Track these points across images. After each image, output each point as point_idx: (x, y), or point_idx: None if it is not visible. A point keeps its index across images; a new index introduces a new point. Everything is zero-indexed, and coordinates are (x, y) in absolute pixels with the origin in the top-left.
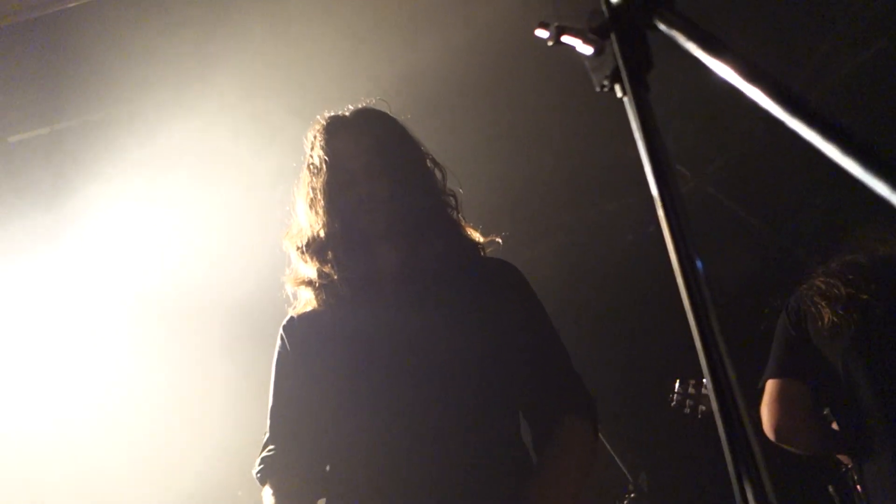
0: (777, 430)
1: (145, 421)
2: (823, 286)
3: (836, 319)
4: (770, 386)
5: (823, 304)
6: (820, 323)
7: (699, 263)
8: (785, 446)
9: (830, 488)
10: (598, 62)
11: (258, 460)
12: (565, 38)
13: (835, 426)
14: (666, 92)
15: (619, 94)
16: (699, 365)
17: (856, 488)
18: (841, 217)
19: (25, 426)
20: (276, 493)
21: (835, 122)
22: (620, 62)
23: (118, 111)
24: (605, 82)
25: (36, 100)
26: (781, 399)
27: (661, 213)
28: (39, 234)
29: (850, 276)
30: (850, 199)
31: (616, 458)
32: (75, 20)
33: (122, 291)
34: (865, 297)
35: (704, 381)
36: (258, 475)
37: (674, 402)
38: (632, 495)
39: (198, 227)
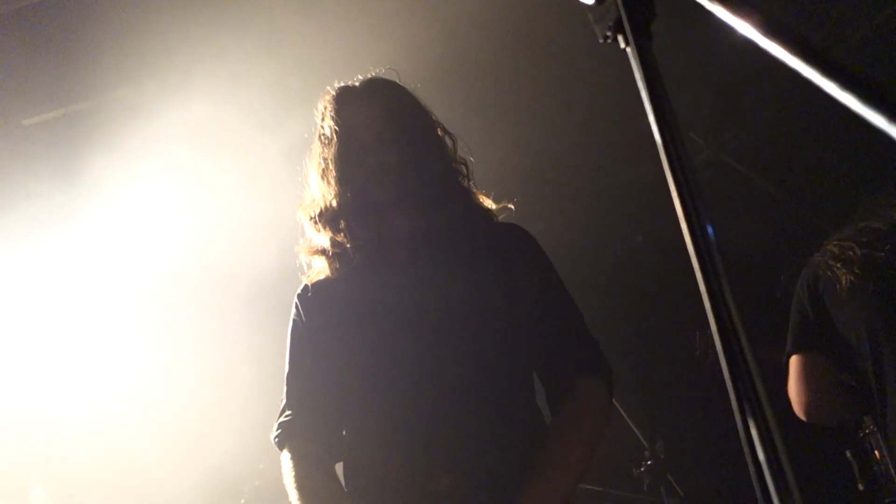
0: (807, 411)
1: (167, 398)
2: (837, 250)
3: (853, 279)
4: (793, 363)
5: (839, 265)
6: (838, 286)
7: (710, 228)
8: (816, 423)
9: (848, 454)
10: (601, 12)
11: (275, 425)
12: None
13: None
14: (678, 59)
15: (622, 44)
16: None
17: (874, 453)
18: (857, 183)
19: (52, 405)
20: (294, 457)
21: (854, 71)
22: (622, 11)
23: (129, 92)
24: (608, 33)
25: (48, 83)
26: (807, 377)
27: (665, 163)
28: (56, 215)
29: (865, 239)
30: (867, 165)
31: (632, 426)
32: (83, 4)
33: (141, 269)
34: (882, 254)
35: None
36: (276, 440)
37: (697, 352)
38: (648, 462)
39: (214, 203)
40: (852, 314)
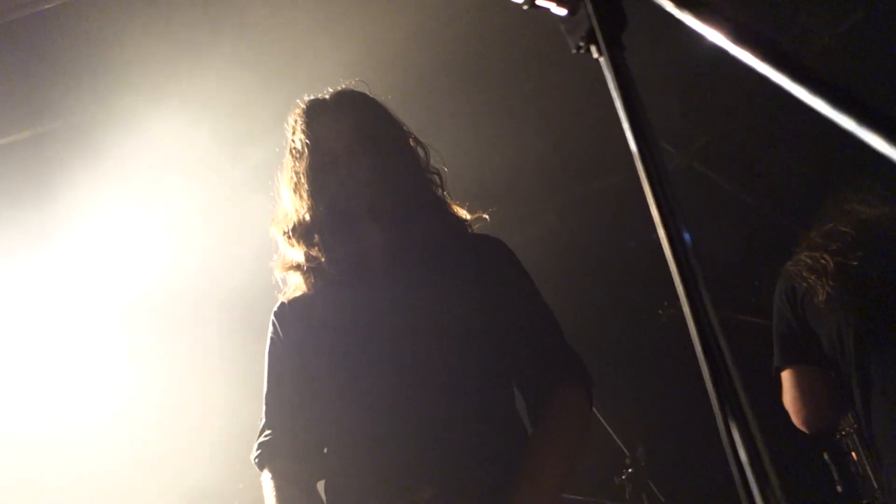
0: (808, 424)
1: (144, 418)
2: (810, 261)
3: (830, 291)
4: (786, 377)
5: (813, 278)
6: (815, 299)
7: (687, 236)
8: (817, 433)
9: (826, 456)
10: (573, 23)
11: (255, 445)
12: (539, 1)
13: None
14: (647, 68)
15: (594, 54)
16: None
17: (850, 455)
18: (827, 186)
19: (24, 427)
20: (275, 477)
21: (825, 76)
22: (595, 22)
23: (100, 111)
24: (581, 43)
25: (16, 104)
26: (802, 391)
27: (640, 168)
28: (29, 236)
29: (835, 247)
30: (835, 167)
31: (612, 433)
32: (52, 23)
33: (114, 290)
34: (855, 263)
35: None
36: (256, 460)
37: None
38: (629, 470)
39: (186, 223)
40: (833, 325)
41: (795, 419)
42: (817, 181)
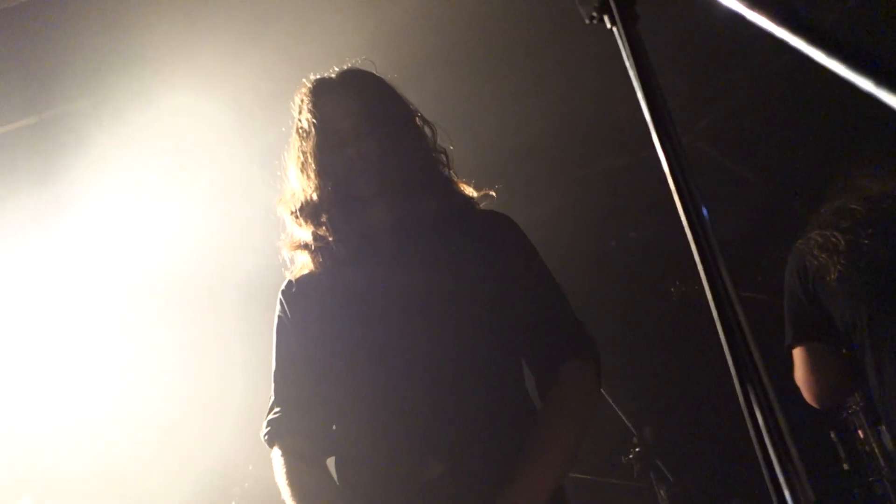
0: (820, 400)
1: (157, 401)
2: (821, 239)
3: (842, 269)
4: (798, 354)
5: (825, 257)
6: (827, 277)
7: (704, 210)
8: (828, 408)
9: (832, 434)
10: None
11: (264, 423)
12: None
13: None
14: (651, 47)
15: (608, 24)
16: (704, 320)
17: (857, 433)
18: (833, 163)
19: (38, 411)
20: (285, 454)
21: (841, 37)
22: None
23: (103, 96)
24: (594, 14)
25: (18, 90)
26: (813, 368)
27: (655, 138)
28: (35, 222)
29: (846, 224)
30: (842, 147)
31: (619, 413)
32: (56, 5)
33: (124, 273)
34: (866, 241)
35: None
36: (265, 437)
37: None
38: (637, 449)
39: (196, 203)
40: (846, 303)
41: (807, 395)
42: (822, 159)
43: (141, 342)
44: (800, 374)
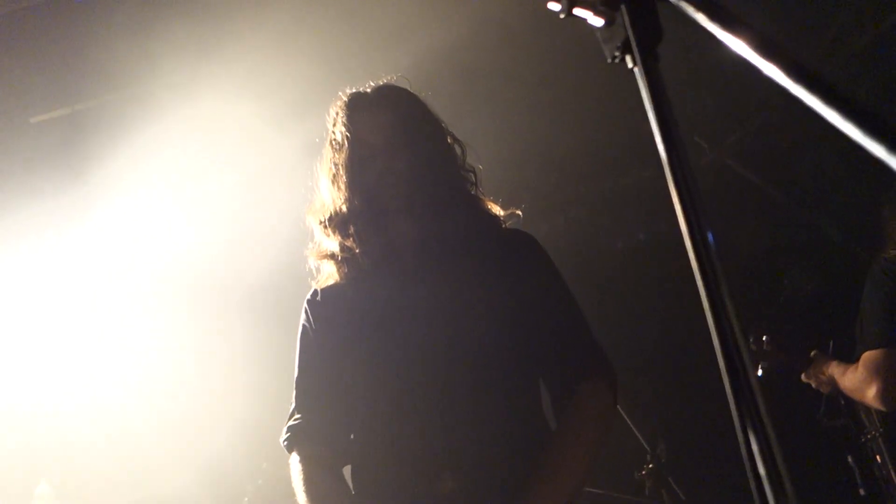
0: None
1: (173, 394)
2: None
3: None
4: (881, 356)
5: None
6: None
7: (710, 235)
8: None
9: (850, 459)
10: (609, 33)
11: (285, 429)
12: (577, 11)
13: None
14: (682, 63)
15: (629, 64)
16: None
17: (875, 458)
18: (862, 187)
19: (57, 402)
20: (303, 460)
21: (847, 95)
22: (630, 33)
23: (137, 90)
24: (616, 53)
25: (55, 81)
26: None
27: (670, 180)
28: (63, 213)
29: None
30: (869, 167)
31: (634, 429)
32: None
33: (145, 267)
34: None
35: (765, 337)
36: (285, 443)
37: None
38: (650, 465)
39: (220, 202)
40: None
41: (883, 398)
42: (850, 176)
43: (156, 336)
44: (882, 372)
